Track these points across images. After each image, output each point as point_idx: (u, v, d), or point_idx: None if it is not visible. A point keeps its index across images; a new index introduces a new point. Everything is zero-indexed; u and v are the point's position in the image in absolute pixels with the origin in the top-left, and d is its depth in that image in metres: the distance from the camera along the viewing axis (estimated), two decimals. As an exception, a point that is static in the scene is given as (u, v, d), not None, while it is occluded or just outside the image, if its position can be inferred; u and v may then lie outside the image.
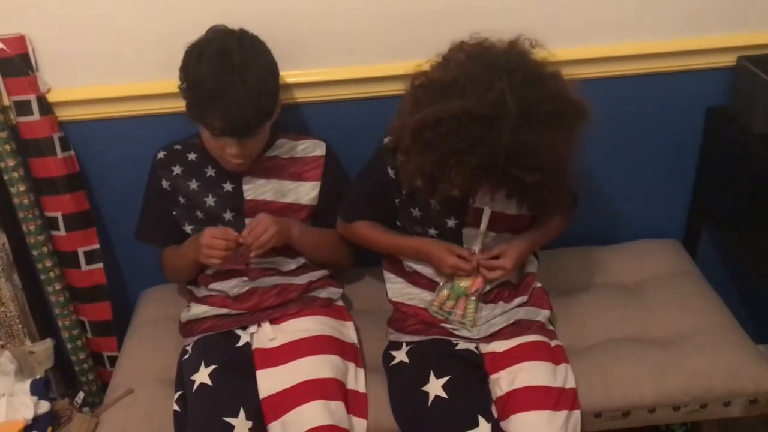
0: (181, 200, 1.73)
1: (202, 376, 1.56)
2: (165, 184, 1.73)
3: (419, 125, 1.39)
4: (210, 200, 1.71)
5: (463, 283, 1.63)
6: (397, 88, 1.76)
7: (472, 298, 1.63)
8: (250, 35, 1.59)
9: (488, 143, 1.34)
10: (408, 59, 1.56)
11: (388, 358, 1.67)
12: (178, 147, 1.74)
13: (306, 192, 1.74)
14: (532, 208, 1.60)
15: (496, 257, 1.61)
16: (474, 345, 1.63)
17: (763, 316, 2.11)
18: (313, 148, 1.75)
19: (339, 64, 1.78)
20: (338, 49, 1.77)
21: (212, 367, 1.57)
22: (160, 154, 1.74)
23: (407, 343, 1.65)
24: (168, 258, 1.81)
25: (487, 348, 1.63)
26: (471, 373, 1.57)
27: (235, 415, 1.49)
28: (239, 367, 1.59)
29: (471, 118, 1.34)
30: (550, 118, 1.35)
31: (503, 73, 1.36)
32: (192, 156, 1.73)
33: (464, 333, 1.64)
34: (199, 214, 1.72)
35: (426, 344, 1.63)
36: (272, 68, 1.59)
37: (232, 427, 1.48)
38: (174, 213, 1.74)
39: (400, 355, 1.63)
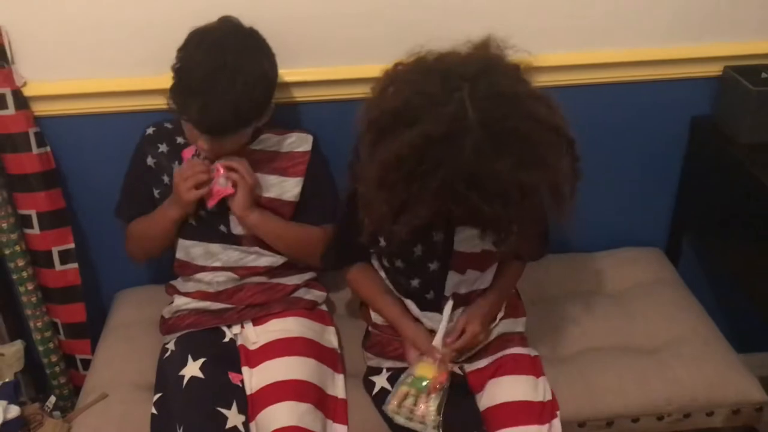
0: (165, 179, 1.66)
1: (193, 369, 1.52)
2: (150, 161, 1.67)
3: (381, 172, 1.21)
4: None
5: (426, 374, 1.47)
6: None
7: (433, 395, 1.46)
8: (257, 38, 1.53)
9: (448, 164, 1.16)
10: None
11: (368, 384, 1.62)
12: (168, 125, 1.68)
13: (290, 188, 1.68)
14: (495, 244, 1.39)
15: (461, 333, 1.51)
16: (458, 366, 1.59)
17: (744, 326, 2.11)
18: (299, 143, 1.69)
19: (330, 63, 1.75)
20: (330, 48, 1.74)
21: (201, 360, 1.54)
22: (149, 130, 1.67)
23: (387, 369, 1.61)
24: (136, 225, 1.70)
25: (471, 367, 1.60)
26: (457, 392, 1.52)
27: (228, 407, 1.47)
28: (228, 361, 1.57)
29: (430, 140, 1.15)
30: (518, 141, 1.16)
31: (463, 81, 1.17)
32: (180, 139, 1.66)
33: None
34: None
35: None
36: (266, 79, 1.51)
37: (225, 417, 1.45)
38: (157, 192, 1.67)
39: (381, 381, 1.59)
